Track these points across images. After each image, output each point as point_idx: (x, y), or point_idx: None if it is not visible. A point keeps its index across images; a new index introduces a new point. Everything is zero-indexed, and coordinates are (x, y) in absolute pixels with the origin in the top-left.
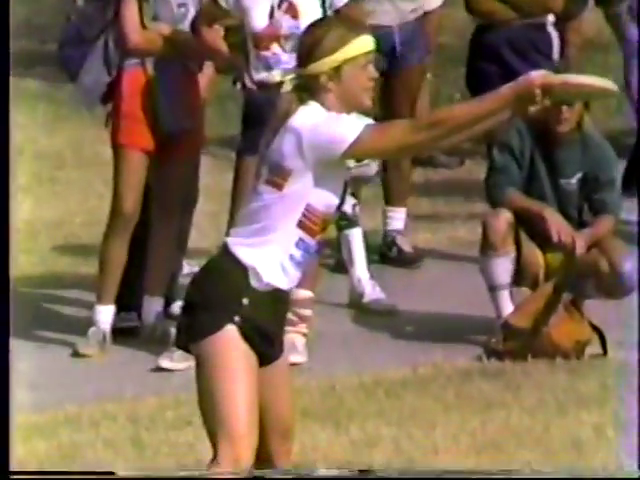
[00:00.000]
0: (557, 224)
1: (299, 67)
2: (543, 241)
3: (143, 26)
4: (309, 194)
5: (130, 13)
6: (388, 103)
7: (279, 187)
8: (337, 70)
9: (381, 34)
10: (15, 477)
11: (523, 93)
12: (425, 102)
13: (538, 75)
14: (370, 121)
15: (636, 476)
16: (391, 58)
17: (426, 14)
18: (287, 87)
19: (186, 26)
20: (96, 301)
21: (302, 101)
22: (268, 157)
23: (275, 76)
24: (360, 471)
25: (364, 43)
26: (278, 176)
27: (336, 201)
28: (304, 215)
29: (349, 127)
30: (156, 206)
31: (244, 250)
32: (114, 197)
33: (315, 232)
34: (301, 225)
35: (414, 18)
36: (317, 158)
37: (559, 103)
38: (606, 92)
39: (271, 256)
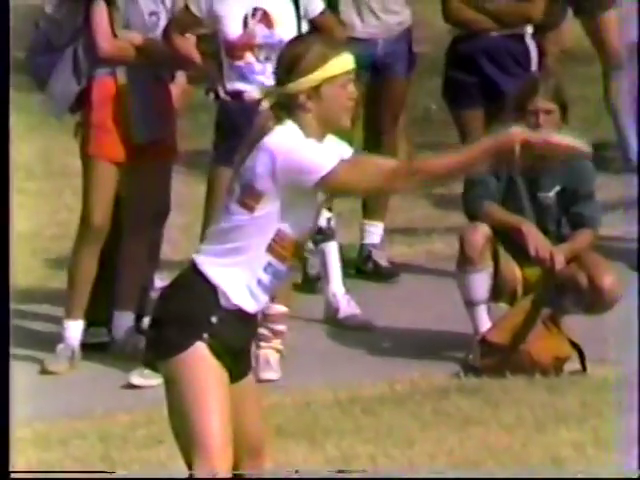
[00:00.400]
0: (535, 239)
1: (277, 85)
2: (521, 255)
3: (114, 34)
4: (280, 218)
5: (101, 21)
6: (372, 114)
7: (250, 209)
8: (316, 89)
9: (365, 46)
10: (15, 477)
11: (503, 149)
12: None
13: (519, 132)
14: (347, 153)
15: (636, 476)
16: (375, 70)
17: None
18: (265, 104)
19: (158, 34)
20: (65, 316)
21: (279, 119)
22: (241, 175)
23: (252, 93)
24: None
25: (344, 62)
26: (249, 197)
27: (308, 226)
28: (274, 239)
29: (324, 159)
30: (127, 218)
31: (213, 269)
32: (83, 209)
33: (285, 257)
34: (271, 249)
35: (399, 31)
36: (288, 184)
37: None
38: (582, 154)
39: (239, 279)
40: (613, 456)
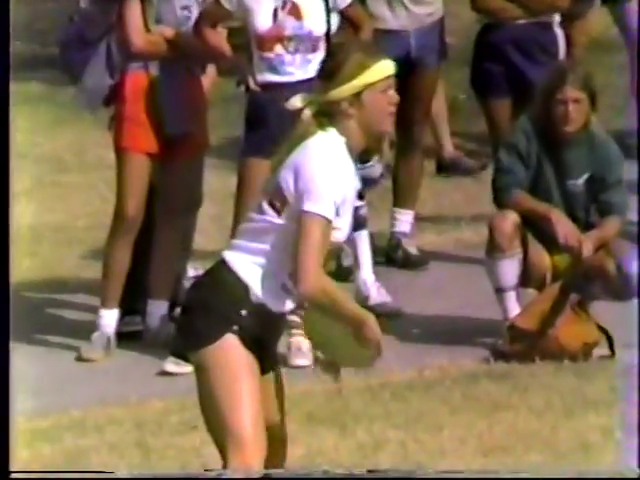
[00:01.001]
0: (564, 226)
1: (319, 93)
2: (550, 243)
3: (146, 29)
4: None
5: (133, 16)
6: (404, 105)
7: (278, 212)
8: (358, 96)
9: (397, 38)
10: (15, 477)
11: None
12: (441, 102)
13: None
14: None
15: (636, 476)
16: (407, 62)
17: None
18: (307, 112)
19: (189, 29)
20: (100, 305)
21: (322, 126)
22: (275, 175)
23: (295, 102)
24: (368, 471)
25: (384, 68)
26: (278, 200)
27: (337, 237)
28: None
29: (325, 207)
30: (160, 209)
31: (243, 267)
32: (117, 201)
33: None
34: None
35: (430, 22)
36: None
37: (575, 97)
38: None
39: (266, 280)
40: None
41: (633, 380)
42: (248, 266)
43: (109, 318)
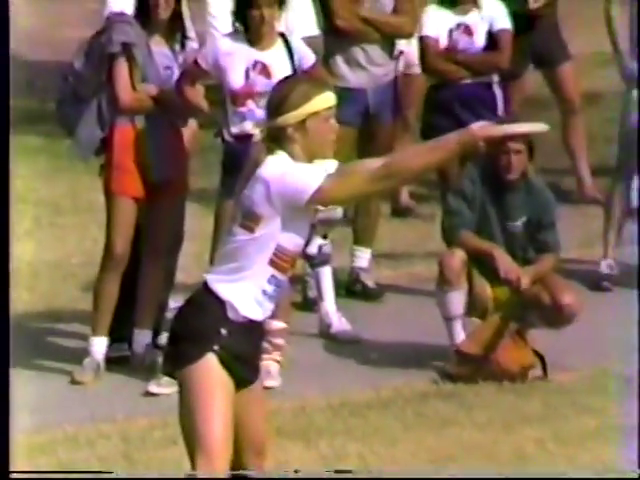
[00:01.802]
0: (505, 262)
1: (268, 120)
2: (492, 277)
3: (133, 87)
4: (279, 236)
5: (121, 75)
6: (363, 153)
7: (251, 230)
8: (302, 123)
9: (356, 95)
10: (15, 477)
11: (467, 143)
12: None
13: (480, 126)
14: (333, 168)
15: (636, 476)
16: (365, 116)
17: (409, 76)
18: (257, 137)
19: (171, 86)
20: (91, 333)
21: (271, 151)
22: (241, 202)
23: (247, 127)
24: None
25: (326, 99)
26: (250, 220)
27: (303, 241)
28: (275, 254)
29: (311, 178)
30: (146, 247)
31: (222, 286)
32: (107, 240)
33: (285, 269)
34: (272, 263)
35: (386, 81)
36: (284, 205)
37: (517, 149)
38: (538, 133)
39: (246, 291)
40: (571, 451)
41: (633, 385)
42: (226, 284)
43: (99, 345)
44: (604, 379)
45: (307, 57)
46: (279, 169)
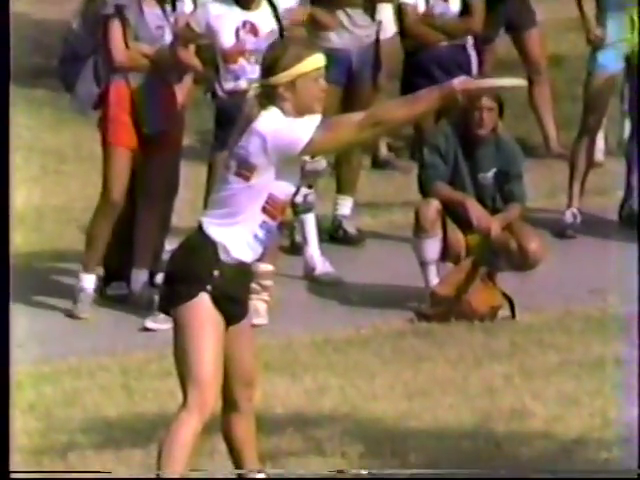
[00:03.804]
0: (477, 211)
1: (262, 78)
2: (464, 225)
3: (126, 46)
4: (271, 185)
5: (115, 35)
6: (345, 109)
7: (246, 179)
8: (293, 83)
9: (340, 55)
10: (15, 477)
11: (447, 96)
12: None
13: (459, 81)
14: (319, 121)
15: (636, 476)
16: (348, 74)
17: (380, 40)
18: (251, 94)
19: (163, 44)
20: (82, 270)
21: (263, 106)
22: (236, 153)
23: (242, 85)
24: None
25: (316, 60)
26: (246, 170)
27: (293, 190)
28: (267, 202)
29: (304, 130)
30: (141, 195)
31: (215, 229)
32: (103, 186)
33: (276, 215)
34: (264, 210)
35: (368, 42)
36: (278, 157)
37: (488, 106)
38: (514, 88)
39: (239, 235)
40: (537, 385)
41: (633, 379)
42: (220, 228)
43: (89, 281)
44: (567, 319)
45: (291, 8)
46: (273, 123)
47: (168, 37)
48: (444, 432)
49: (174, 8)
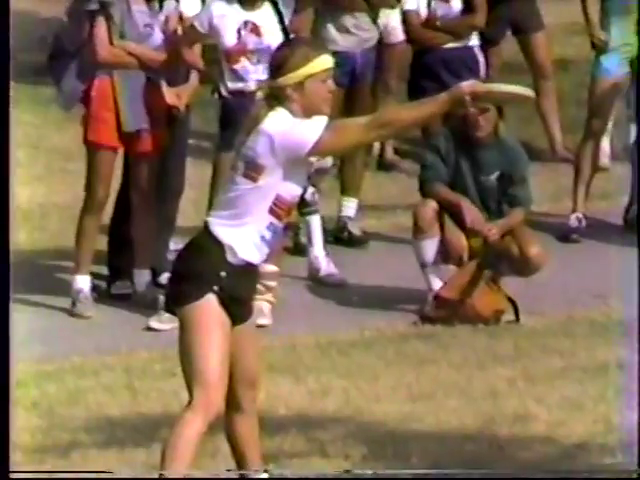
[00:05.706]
0: (471, 213)
1: (270, 79)
2: (467, 227)
3: (111, 43)
4: (279, 186)
5: (100, 32)
6: (349, 112)
7: (254, 180)
8: (301, 84)
9: (345, 57)
10: (15, 477)
11: (455, 99)
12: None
13: (467, 85)
14: (326, 123)
15: (636, 476)
16: (352, 76)
17: (390, 45)
18: (259, 95)
19: (151, 43)
20: (75, 272)
21: (271, 107)
22: (243, 154)
23: (250, 86)
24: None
25: (324, 61)
26: (253, 171)
27: (300, 191)
28: (274, 203)
29: (311, 131)
30: (134, 196)
31: (222, 230)
32: (87, 186)
33: (282, 217)
34: (271, 211)
35: (370, 45)
36: (286, 158)
37: (483, 108)
38: (522, 98)
39: (246, 236)
40: (540, 389)
41: (633, 380)
42: (227, 229)
43: (83, 282)
44: (571, 323)
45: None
46: (281, 124)
47: (157, 35)
48: (447, 435)
49: (161, 7)
